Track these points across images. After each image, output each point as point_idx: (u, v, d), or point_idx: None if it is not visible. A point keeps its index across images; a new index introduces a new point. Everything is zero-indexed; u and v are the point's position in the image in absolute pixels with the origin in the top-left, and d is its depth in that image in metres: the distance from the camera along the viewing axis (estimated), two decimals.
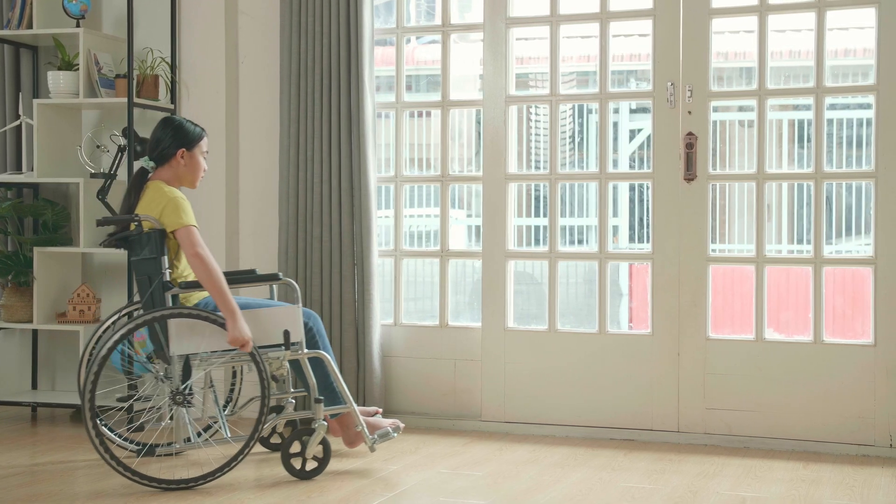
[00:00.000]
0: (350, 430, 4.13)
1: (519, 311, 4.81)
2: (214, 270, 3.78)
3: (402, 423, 4.19)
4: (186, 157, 4.02)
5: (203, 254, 3.79)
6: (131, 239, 3.95)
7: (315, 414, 3.91)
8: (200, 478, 3.77)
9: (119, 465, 3.72)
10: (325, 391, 4.03)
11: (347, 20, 4.75)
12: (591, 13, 4.64)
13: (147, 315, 3.78)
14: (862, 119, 6.95)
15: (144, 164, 4.01)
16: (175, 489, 3.75)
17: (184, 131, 4.01)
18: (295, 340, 3.92)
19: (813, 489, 3.76)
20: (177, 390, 3.82)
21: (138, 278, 3.98)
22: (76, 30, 4.87)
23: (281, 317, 3.92)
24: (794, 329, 5.73)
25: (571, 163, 7.61)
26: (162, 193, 3.90)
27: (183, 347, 3.80)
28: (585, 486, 3.80)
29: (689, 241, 4.48)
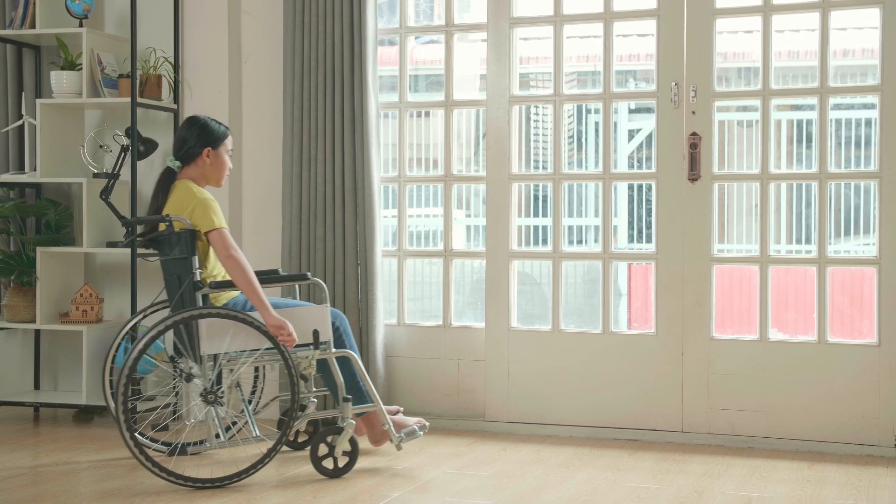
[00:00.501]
0: (376, 428, 4.15)
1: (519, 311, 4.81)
2: (248, 271, 3.83)
3: (427, 422, 4.22)
4: (212, 156, 4.04)
5: (237, 255, 3.84)
6: (160, 239, 3.96)
7: (343, 413, 3.94)
8: (234, 475, 3.80)
9: (154, 466, 3.74)
10: (352, 390, 4.05)
11: (351, 20, 4.74)
12: (594, 13, 4.64)
13: (179, 315, 3.80)
14: (861, 119, 6.95)
15: (171, 164, 4.02)
16: (209, 488, 3.77)
17: (209, 130, 4.03)
18: (324, 340, 3.96)
19: (818, 489, 3.76)
20: (208, 389, 3.84)
21: (167, 278, 3.99)
22: (79, 30, 4.86)
23: (310, 316, 3.96)
24: (798, 329, 5.73)
25: (570, 163, 7.61)
26: (191, 194, 3.92)
27: (214, 347, 3.82)
28: (591, 486, 3.80)
29: (693, 241, 4.49)
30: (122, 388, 3.72)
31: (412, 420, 4.18)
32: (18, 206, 4.93)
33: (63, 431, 4.80)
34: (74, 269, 5.14)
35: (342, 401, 3.95)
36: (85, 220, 4.87)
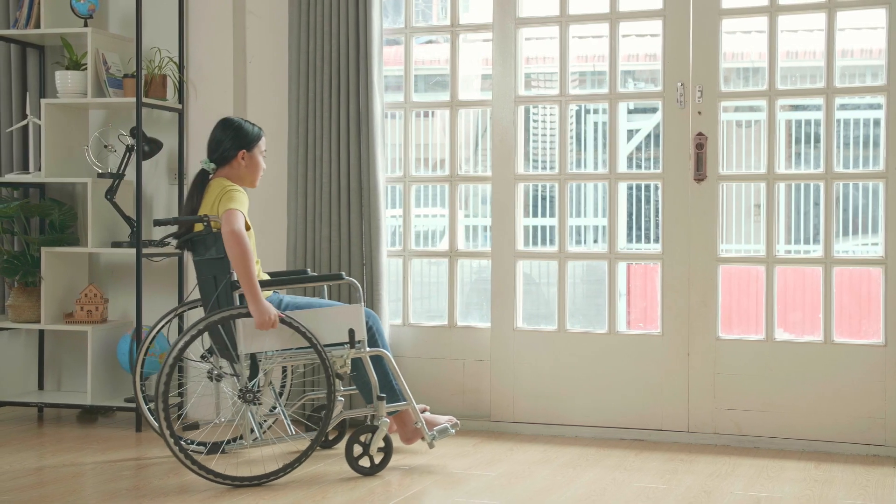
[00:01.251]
0: (408, 427, 4.16)
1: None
2: (247, 250, 3.78)
3: (457, 420, 4.24)
4: (247, 158, 4.06)
5: (238, 230, 3.79)
6: (195, 240, 3.97)
7: (377, 411, 3.96)
8: (272, 474, 3.83)
9: (194, 464, 3.76)
10: (385, 389, 4.07)
11: (357, 20, 4.74)
12: (600, 13, 4.64)
13: (217, 314, 3.81)
14: (862, 119, 6.96)
15: (205, 166, 4.04)
16: (247, 486, 3.79)
17: (243, 132, 4.04)
18: (359, 339, 3.97)
19: (826, 489, 3.77)
20: (246, 388, 3.85)
21: (202, 279, 3.99)
22: (84, 29, 4.85)
23: (345, 315, 3.97)
24: (804, 329, 5.74)
25: (570, 163, 7.59)
26: (222, 188, 3.94)
27: (251, 346, 3.83)
28: (600, 487, 3.80)
29: (699, 242, 4.49)
30: (163, 388, 3.73)
31: (443, 418, 4.20)
32: (23, 207, 4.92)
33: (67, 432, 4.79)
34: (79, 270, 5.13)
35: (376, 399, 3.98)
36: (90, 220, 4.86)
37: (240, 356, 3.84)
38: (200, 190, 4.01)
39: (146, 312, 4.93)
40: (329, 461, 4.18)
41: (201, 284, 4.01)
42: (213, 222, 3.88)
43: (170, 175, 5.13)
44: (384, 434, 3.95)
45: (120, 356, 4.90)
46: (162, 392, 3.73)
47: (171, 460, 4.22)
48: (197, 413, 4.90)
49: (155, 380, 3.75)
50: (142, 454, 4.34)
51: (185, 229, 4.00)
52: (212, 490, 3.76)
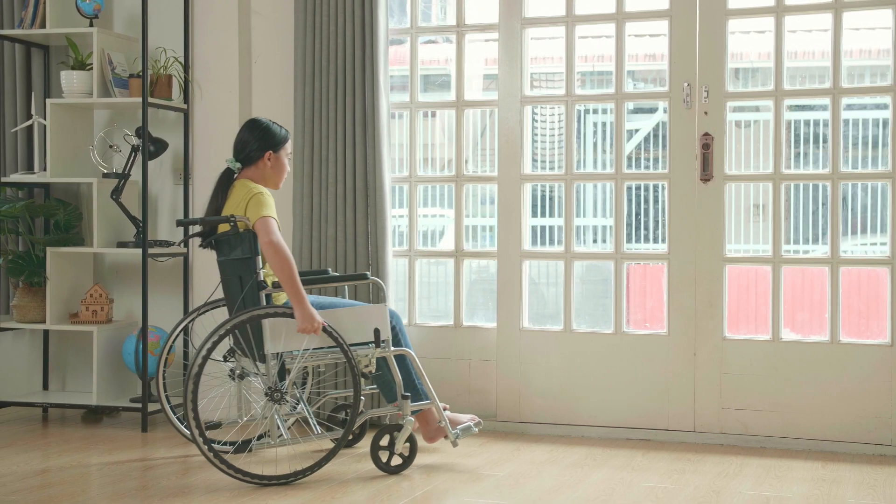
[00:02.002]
0: (431, 425, 4.18)
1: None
2: (288, 259, 3.82)
3: (480, 419, 4.26)
4: (273, 160, 4.07)
5: (277, 241, 3.82)
6: (219, 240, 3.97)
7: (402, 410, 3.99)
8: (300, 472, 3.84)
9: (223, 464, 3.76)
10: (408, 388, 4.09)
11: (363, 20, 4.74)
12: (607, 13, 4.64)
13: (245, 314, 3.81)
14: (867, 119, 6.96)
15: (231, 165, 4.05)
16: (275, 484, 3.81)
17: (270, 134, 4.05)
18: (384, 338, 3.99)
19: (835, 489, 3.77)
20: (273, 388, 3.85)
21: (226, 279, 4.00)
22: (90, 29, 4.85)
23: (370, 315, 3.99)
24: (811, 329, 5.74)
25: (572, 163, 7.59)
26: (248, 189, 3.95)
27: (278, 346, 3.84)
28: (608, 486, 3.80)
29: (706, 242, 4.49)
30: (193, 387, 3.74)
31: (465, 417, 4.22)
32: (29, 207, 4.92)
33: (73, 432, 4.79)
34: (83, 270, 5.13)
35: (401, 398, 4.00)
36: (95, 221, 4.86)
37: (266, 356, 3.85)
38: (225, 190, 4.02)
39: (151, 313, 4.92)
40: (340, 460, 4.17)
41: (226, 285, 4.01)
42: (240, 223, 3.89)
43: (175, 175, 5.13)
44: (409, 433, 3.97)
45: (125, 356, 4.90)
46: (192, 393, 3.74)
47: (178, 461, 4.22)
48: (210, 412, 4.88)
49: (184, 382, 3.76)
50: (149, 455, 4.33)
51: (210, 229, 4.00)
52: (219, 490, 3.76)
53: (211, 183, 4.98)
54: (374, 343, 3.96)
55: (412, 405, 4.05)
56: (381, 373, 4.09)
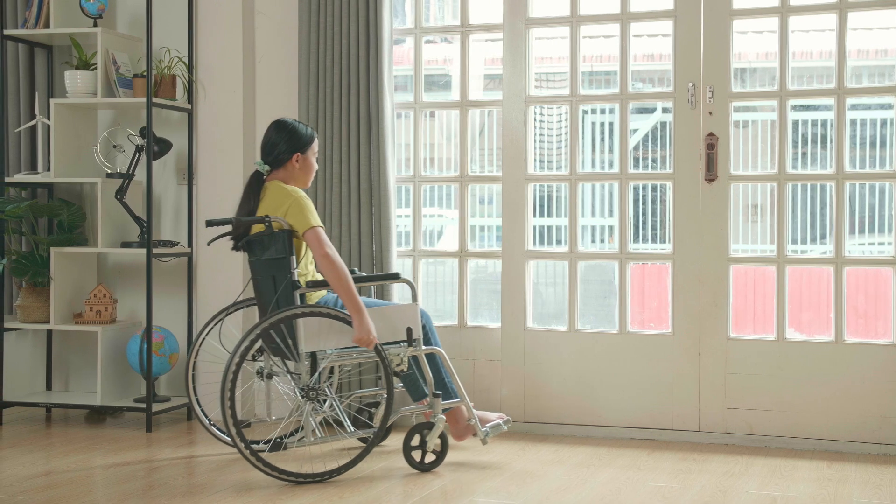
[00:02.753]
0: (460, 424, 4.20)
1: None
2: (343, 271, 3.86)
3: (509, 417, 4.31)
4: (301, 160, 4.10)
5: (332, 254, 3.87)
6: (252, 240, 3.99)
7: (434, 408, 4.03)
8: (334, 470, 3.88)
9: (259, 462, 3.79)
10: (438, 386, 4.13)
11: (367, 20, 4.74)
12: (611, 14, 4.65)
13: (280, 313, 3.83)
14: (876, 119, 6.97)
15: (259, 168, 4.07)
16: (310, 482, 3.83)
17: (298, 135, 4.08)
18: (416, 337, 4.02)
19: (841, 488, 3.78)
20: (308, 386, 3.88)
21: (259, 278, 4.01)
22: (94, 29, 4.84)
23: (402, 314, 4.03)
24: (815, 329, 5.75)
25: (571, 164, 7.60)
26: (286, 193, 3.97)
27: (312, 345, 3.87)
28: (615, 486, 3.81)
29: (710, 242, 4.50)
30: (230, 384, 3.76)
31: (493, 415, 4.25)
32: (33, 207, 4.91)
33: (77, 432, 4.78)
34: (87, 270, 5.12)
35: (432, 396, 4.04)
36: (100, 221, 4.85)
37: (301, 355, 3.88)
38: (257, 192, 4.03)
39: (155, 313, 4.92)
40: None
41: (258, 285, 4.02)
42: (275, 223, 3.91)
43: (178, 175, 5.12)
44: (440, 431, 4.01)
45: (130, 356, 4.90)
46: (228, 395, 3.76)
47: (184, 461, 4.22)
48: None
49: (221, 383, 3.79)
50: (154, 455, 4.33)
51: (244, 231, 4.01)
52: (226, 490, 3.76)
53: (215, 182, 5.02)
54: (407, 342, 4.00)
55: (443, 403, 4.09)
56: (409, 371, 4.12)
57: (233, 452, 4.33)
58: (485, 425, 4.17)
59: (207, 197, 5.04)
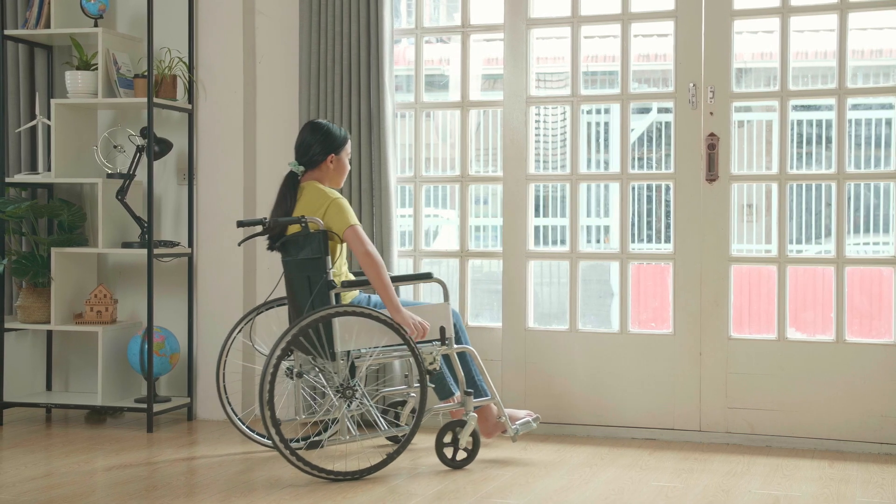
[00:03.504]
0: (489, 421, 4.25)
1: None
2: (383, 269, 3.95)
3: (538, 415, 4.35)
4: (335, 162, 4.16)
5: (373, 252, 3.95)
6: (287, 240, 4.03)
7: (466, 406, 4.08)
8: (371, 468, 3.93)
9: (299, 461, 3.83)
10: (469, 384, 4.18)
11: (368, 20, 4.74)
12: (612, 14, 4.65)
13: (318, 312, 3.88)
14: (879, 119, 6.99)
15: (294, 169, 4.12)
16: (346, 480, 3.87)
17: (332, 137, 4.14)
18: (448, 336, 4.07)
19: (843, 488, 3.79)
20: (344, 385, 3.92)
21: (293, 278, 4.04)
22: (94, 29, 4.84)
23: (434, 313, 4.09)
24: (816, 328, 5.77)
25: (567, 163, 7.61)
26: (323, 194, 4.03)
27: (349, 344, 3.91)
28: (618, 486, 3.82)
29: (711, 242, 4.51)
30: (268, 386, 3.78)
31: (522, 413, 4.29)
32: (33, 207, 4.90)
33: (77, 433, 4.78)
34: (87, 270, 5.11)
35: (464, 394, 4.09)
36: (100, 221, 4.85)
37: (337, 354, 3.92)
38: (293, 192, 4.08)
39: (155, 313, 4.91)
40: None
41: (292, 285, 4.06)
42: (311, 223, 3.96)
43: (179, 175, 5.12)
44: (472, 428, 4.05)
45: (130, 357, 4.89)
46: (267, 395, 3.78)
47: (185, 461, 4.23)
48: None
49: (258, 385, 3.84)
50: (155, 455, 4.33)
51: (280, 231, 4.05)
52: (230, 490, 3.76)
53: (215, 183, 5.02)
54: (440, 341, 4.05)
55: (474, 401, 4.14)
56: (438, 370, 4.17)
57: (235, 453, 4.34)
58: (514, 423, 4.21)
59: (208, 197, 5.04)
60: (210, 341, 5.03)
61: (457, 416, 4.19)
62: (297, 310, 4.06)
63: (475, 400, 4.15)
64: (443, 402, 4.21)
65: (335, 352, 3.92)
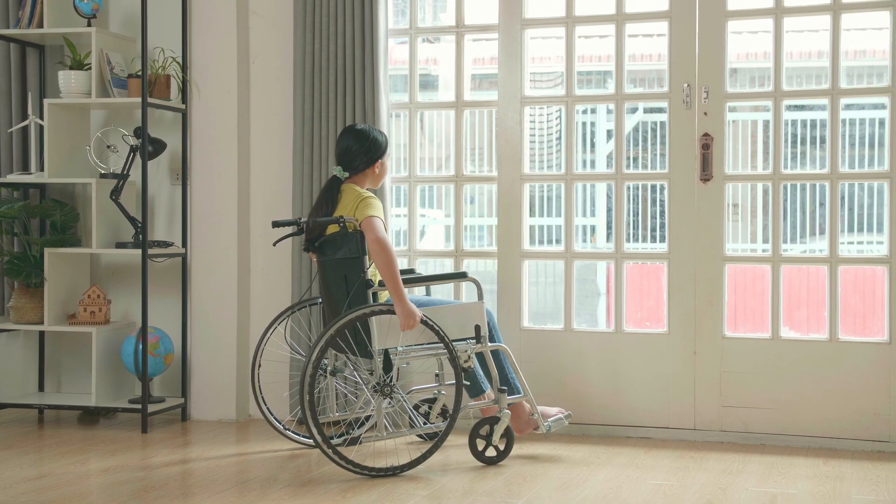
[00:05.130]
0: (521, 418, 4.30)
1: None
2: (393, 256, 3.98)
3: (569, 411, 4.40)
4: (380, 167, 4.27)
5: (384, 238, 3.98)
6: (324, 241, 4.08)
7: (499, 403, 4.14)
8: (407, 464, 3.98)
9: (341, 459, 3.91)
10: (503, 382, 4.23)
11: (362, 20, 4.74)
12: (607, 15, 4.67)
13: (356, 311, 3.93)
14: (873, 119, 7.04)
15: (339, 175, 4.18)
16: (383, 476, 3.93)
17: (377, 144, 4.23)
18: (483, 334, 4.13)
19: (839, 485, 3.82)
20: (382, 382, 3.97)
21: (329, 278, 4.08)
22: (88, 29, 4.82)
23: (469, 312, 4.15)
24: (810, 327, 5.81)
25: (557, 164, 7.66)
26: (357, 193, 4.11)
27: (386, 342, 3.96)
28: (615, 484, 3.83)
29: (706, 241, 4.53)
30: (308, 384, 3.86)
31: (553, 410, 4.35)
32: (26, 207, 4.88)
33: (71, 434, 4.76)
34: (80, 271, 5.10)
35: (498, 392, 4.13)
36: (94, 221, 4.83)
37: (374, 352, 3.97)
38: (334, 196, 4.14)
39: (149, 313, 4.90)
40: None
41: (328, 284, 4.10)
42: (349, 223, 4.02)
43: (172, 175, 5.11)
44: (506, 425, 4.11)
45: (124, 357, 4.88)
46: (308, 394, 3.84)
47: (180, 462, 4.22)
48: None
49: (299, 385, 3.89)
50: (150, 456, 4.32)
51: (318, 232, 4.10)
52: (227, 491, 3.76)
53: (209, 183, 5.01)
54: (475, 339, 4.10)
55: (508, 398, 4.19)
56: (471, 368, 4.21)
57: (231, 454, 4.34)
58: (546, 420, 4.27)
59: (202, 197, 5.03)
60: (204, 341, 5.02)
61: (487, 414, 4.24)
62: (334, 309, 4.09)
63: (509, 397, 4.19)
64: (473, 399, 4.24)
65: (373, 350, 3.96)
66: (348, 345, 4.01)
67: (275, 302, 5.00)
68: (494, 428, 4.12)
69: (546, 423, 4.25)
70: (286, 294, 4.96)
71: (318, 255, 4.15)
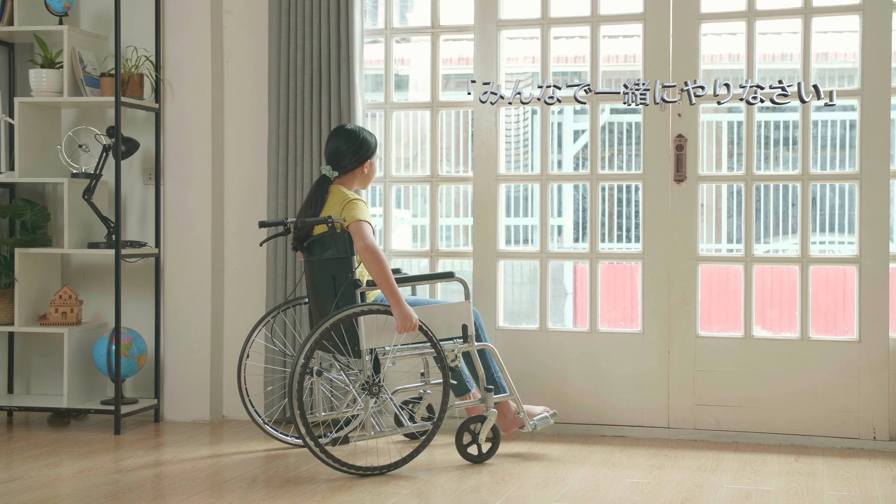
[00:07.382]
0: (507, 417, 4.32)
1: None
2: (384, 262, 3.99)
3: (555, 410, 4.42)
4: (369, 167, 4.26)
5: (372, 244, 3.98)
6: (312, 241, 4.08)
7: (486, 402, 4.17)
8: (394, 464, 3.99)
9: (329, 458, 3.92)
10: (489, 381, 4.25)
11: (338, 20, 4.74)
12: (581, 16, 4.70)
13: (344, 311, 3.93)
14: (845, 121, 7.12)
15: (328, 174, 4.18)
16: (370, 475, 3.94)
17: (367, 145, 4.23)
18: (471, 334, 4.15)
19: (811, 482, 3.87)
20: (371, 381, 3.98)
21: (317, 278, 4.08)
22: (59, 27, 4.78)
23: (456, 312, 4.17)
24: (781, 326, 5.87)
25: (526, 164, 7.69)
26: (344, 195, 4.10)
27: (373, 342, 3.98)
28: (593, 482, 3.86)
29: (679, 241, 4.58)
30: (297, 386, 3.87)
31: (539, 408, 4.37)
32: None
33: (41, 436, 4.71)
34: (51, 271, 5.04)
35: (485, 391, 4.15)
36: (66, 221, 4.78)
37: (362, 352, 3.97)
38: (322, 196, 4.14)
39: (122, 314, 4.86)
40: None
41: (315, 284, 4.10)
42: (337, 223, 4.02)
43: (145, 175, 5.07)
44: (492, 424, 4.14)
45: (97, 358, 4.83)
46: (297, 392, 3.85)
47: (154, 465, 4.19)
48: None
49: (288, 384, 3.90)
50: (124, 458, 4.28)
51: (307, 232, 4.10)
52: (202, 493, 3.74)
53: (182, 183, 4.99)
54: (463, 338, 4.13)
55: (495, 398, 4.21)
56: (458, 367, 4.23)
57: (204, 455, 4.32)
58: (532, 418, 4.29)
59: (175, 197, 5.00)
60: (178, 342, 4.99)
61: (473, 413, 4.25)
62: (321, 309, 4.09)
63: (495, 396, 4.21)
64: (459, 398, 4.26)
65: (360, 349, 3.97)
66: (335, 345, 4.01)
67: (249, 302, 4.98)
68: (481, 427, 4.14)
69: (532, 421, 4.28)
70: (261, 294, 4.94)
71: (306, 254, 4.15)
